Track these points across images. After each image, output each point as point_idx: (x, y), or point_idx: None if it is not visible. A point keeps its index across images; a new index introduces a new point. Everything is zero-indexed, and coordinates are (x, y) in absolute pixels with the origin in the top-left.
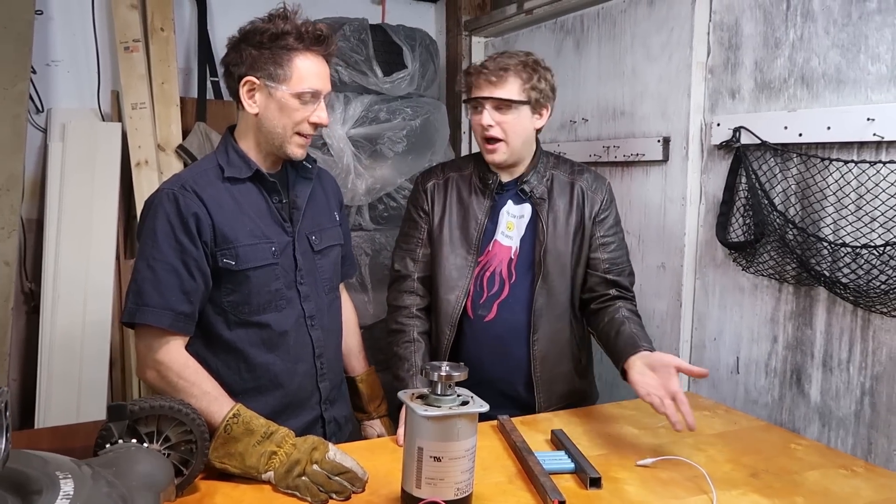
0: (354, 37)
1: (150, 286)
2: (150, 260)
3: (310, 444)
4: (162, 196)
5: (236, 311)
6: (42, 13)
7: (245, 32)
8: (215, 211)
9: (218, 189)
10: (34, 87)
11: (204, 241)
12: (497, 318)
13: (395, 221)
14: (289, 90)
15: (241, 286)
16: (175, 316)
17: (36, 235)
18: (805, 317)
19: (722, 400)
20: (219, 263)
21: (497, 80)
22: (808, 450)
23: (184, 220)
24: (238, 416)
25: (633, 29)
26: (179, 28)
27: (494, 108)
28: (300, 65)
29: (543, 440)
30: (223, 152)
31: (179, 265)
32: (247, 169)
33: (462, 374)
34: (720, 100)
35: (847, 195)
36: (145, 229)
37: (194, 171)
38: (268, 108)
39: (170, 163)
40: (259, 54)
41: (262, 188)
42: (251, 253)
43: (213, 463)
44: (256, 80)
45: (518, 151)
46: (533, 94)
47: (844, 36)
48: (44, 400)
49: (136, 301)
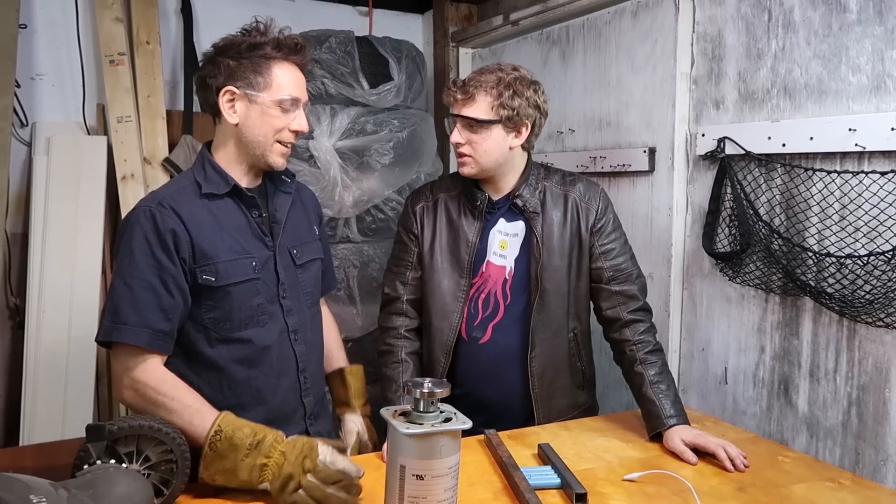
0: (340, 49)
1: (126, 304)
2: (127, 278)
3: (299, 451)
4: (139, 213)
5: (217, 328)
6: (26, 27)
7: (221, 46)
8: (193, 227)
9: (196, 206)
10: (18, 100)
11: (182, 258)
12: (492, 340)
13: (382, 233)
14: (269, 97)
15: (222, 302)
16: (153, 334)
17: (21, 250)
18: (792, 327)
19: (710, 411)
20: (198, 280)
21: (464, 99)
22: (795, 462)
23: (161, 238)
24: (220, 433)
25: (618, 40)
26: (165, 41)
27: (463, 126)
28: (278, 73)
29: (530, 454)
30: (200, 168)
31: (157, 282)
32: (224, 184)
33: (444, 391)
34: (704, 110)
35: (831, 205)
36: (122, 247)
37: (171, 187)
38: (248, 117)
39: (156, 176)
40: (238, 64)
41: (240, 203)
42: (231, 268)
43: (207, 480)
44: (236, 89)
45: (489, 168)
46: (504, 112)
47: (825, 47)
48: (29, 416)
49: (112, 319)
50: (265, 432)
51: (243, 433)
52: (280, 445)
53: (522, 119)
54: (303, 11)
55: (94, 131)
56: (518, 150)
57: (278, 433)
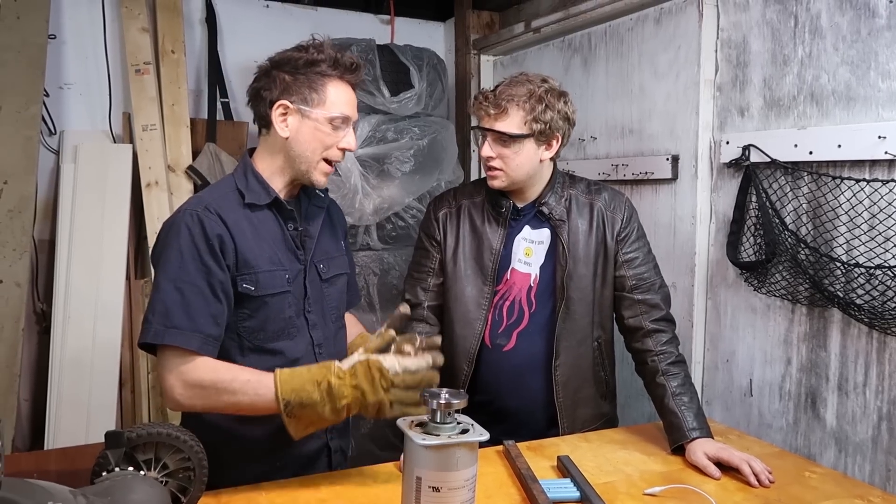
0: (362, 57)
1: (178, 308)
2: (178, 281)
3: (370, 378)
4: (185, 216)
5: (251, 337)
6: (55, 37)
7: (277, 60)
8: (237, 235)
9: (238, 214)
10: (47, 109)
11: (228, 265)
12: (516, 348)
13: (402, 241)
14: (322, 113)
15: (259, 312)
16: (204, 338)
17: (48, 256)
18: (819, 338)
19: (735, 424)
20: (238, 288)
21: (497, 113)
22: (823, 478)
23: (209, 242)
24: (290, 405)
25: (641, 47)
26: (190, 50)
27: (494, 140)
28: (332, 90)
29: (549, 466)
30: (242, 176)
31: (206, 287)
32: (266, 195)
33: (462, 402)
34: (729, 117)
35: (859, 214)
36: (169, 249)
37: (215, 192)
38: (300, 132)
39: (180, 183)
40: (293, 79)
41: (278, 215)
42: (269, 279)
43: (304, 436)
44: (290, 104)
45: (520, 180)
46: (536, 127)
47: (854, 53)
48: (53, 420)
49: (163, 322)
50: (324, 375)
51: (307, 391)
52: (347, 380)
53: (554, 132)
54: (325, 20)
55: (119, 139)
56: (541, 163)
57: (334, 368)
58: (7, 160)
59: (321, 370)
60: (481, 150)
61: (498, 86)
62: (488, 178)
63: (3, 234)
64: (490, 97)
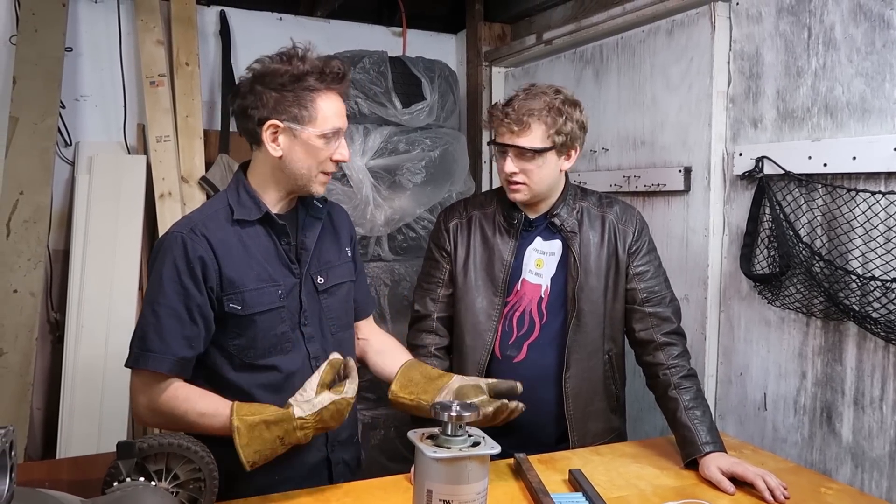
0: (374, 69)
1: (152, 331)
2: (154, 304)
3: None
4: (171, 239)
5: (241, 355)
6: (72, 50)
7: (261, 74)
8: (223, 255)
9: (227, 232)
10: (63, 121)
11: (210, 287)
12: (527, 359)
13: (414, 252)
14: (315, 131)
15: (247, 330)
16: (175, 361)
17: (62, 266)
18: (834, 352)
19: (749, 438)
20: (225, 308)
21: (519, 130)
22: (839, 494)
23: (190, 265)
24: (254, 465)
25: (653, 59)
26: (204, 62)
27: (517, 155)
28: (322, 105)
29: (561, 480)
30: (234, 191)
31: (182, 310)
32: (256, 211)
33: (473, 415)
34: (742, 129)
35: (875, 227)
36: (153, 272)
37: (205, 212)
38: (292, 151)
39: (193, 194)
40: (281, 97)
41: (270, 230)
42: (257, 297)
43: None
44: (280, 122)
45: (541, 193)
46: (558, 139)
47: (868, 64)
48: (66, 429)
49: (139, 347)
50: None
51: (271, 449)
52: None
53: (573, 143)
54: (338, 32)
55: (134, 150)
56: (561, 174)
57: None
58: (23, 171)
59: (281, 425)
60: (503, 165)
61: (511, 100)
62: (510, 191)
63: (18, 243)
64: (511, 113)
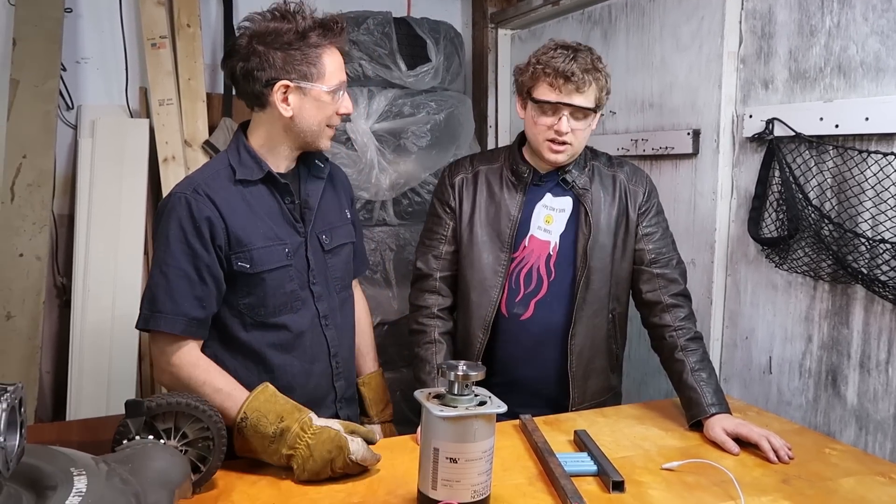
0: (378, 30)
1: (162, 292)
2: (163, 266)
3: (326, 451)
4: (174, 200)
5: (252, 314)
6: (71, 11)
7: (260, 33)
8: (228, 214)
9: (230, 192)
10: (64, 84)
11: (218, 246)
12: (534, 317)
13: (419, 216)
14: (324, 87)
15: (257, 289)
16: (188, 321)
17: (67, 230)
18: (841, 316)
19: (754, 401)
20: (233, 267)
21: (585, 89)
22: (843, 455)
23: (196, 225)
24: (245, 420)
25: (663, 18)
26: (206, 24)
27: (572, 114)
28: (328, 60)
29: (566, 441)
30: (234, 152)
31: (191, 270)
32: (258, 171)
33: (479, 374)
34: (752, 90)
35: (886, 189)
36: (159, 235)
37: (206, 172)
38: (303, 109)
39: (196, 158)
40: (287, 55)
41: (273, 189)
42: (265, 255)
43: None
44: (290, 82)
45: (579, 152)
46: (604, 98)
47: (884, 22)
48: (75, 392)
49: (149, 308)
50: (291, 421)
51: (267, 421)
52: (306, 436)
53: (605, 100)
54: None
55: (136, 114)
56: None
57: (304, 420)
58: (26, 134)
59: (292, 411)
60: (558, 125)
61: (565, 57)
62: (552, 152)
63: (22, 207)
64: (576, 72)
